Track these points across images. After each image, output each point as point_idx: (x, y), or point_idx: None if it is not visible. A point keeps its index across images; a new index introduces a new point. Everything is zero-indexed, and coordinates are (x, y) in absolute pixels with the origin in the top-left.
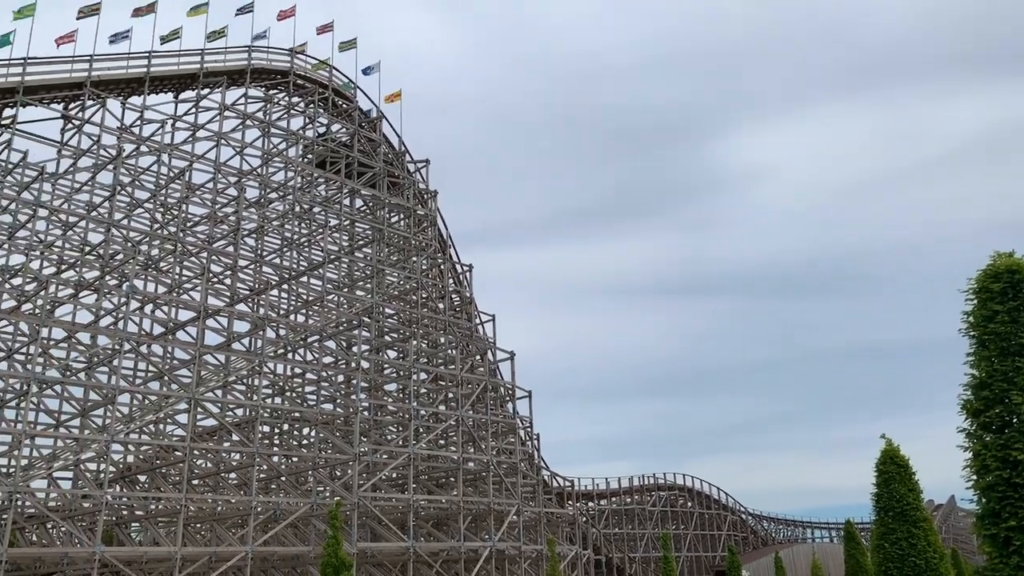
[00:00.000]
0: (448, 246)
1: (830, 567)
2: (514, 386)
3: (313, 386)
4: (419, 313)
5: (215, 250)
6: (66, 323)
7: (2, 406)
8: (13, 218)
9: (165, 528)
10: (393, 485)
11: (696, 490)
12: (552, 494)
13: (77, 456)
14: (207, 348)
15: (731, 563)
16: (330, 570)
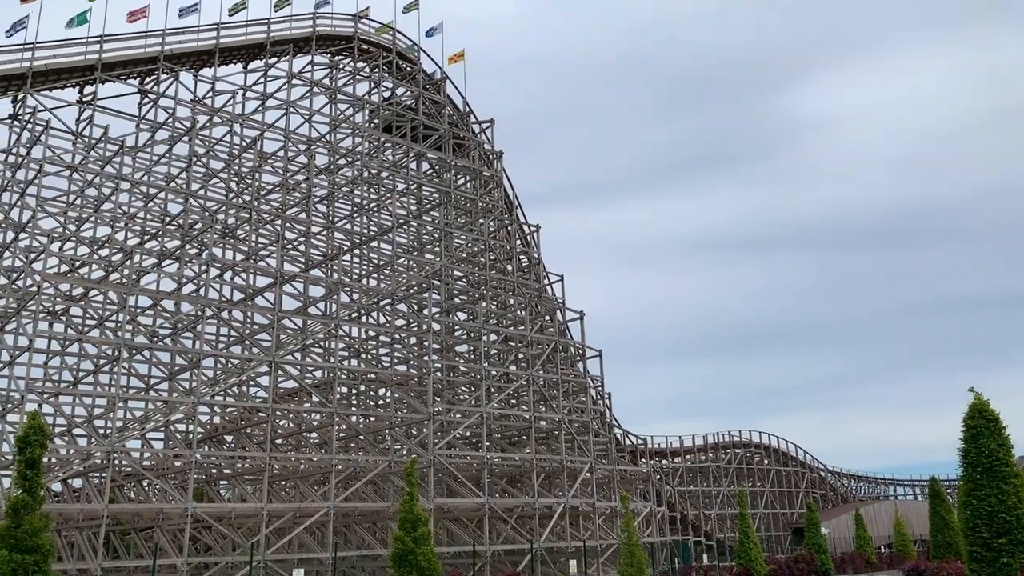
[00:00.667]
0: (515, 207)
1: (913, 524)
2: (584, 345)
3: (387, 348)
4: (487, 275)
5: (288, 217)
6: (151, 291)
7: (97, 371)
8: (98, 191)
9: (251, 485)
10: (467, 443)
11: (772, 447)
12: (625, 452)
13: (167, 418)
14: (285, 313)
15: (809, 520)
16: (408, 525)
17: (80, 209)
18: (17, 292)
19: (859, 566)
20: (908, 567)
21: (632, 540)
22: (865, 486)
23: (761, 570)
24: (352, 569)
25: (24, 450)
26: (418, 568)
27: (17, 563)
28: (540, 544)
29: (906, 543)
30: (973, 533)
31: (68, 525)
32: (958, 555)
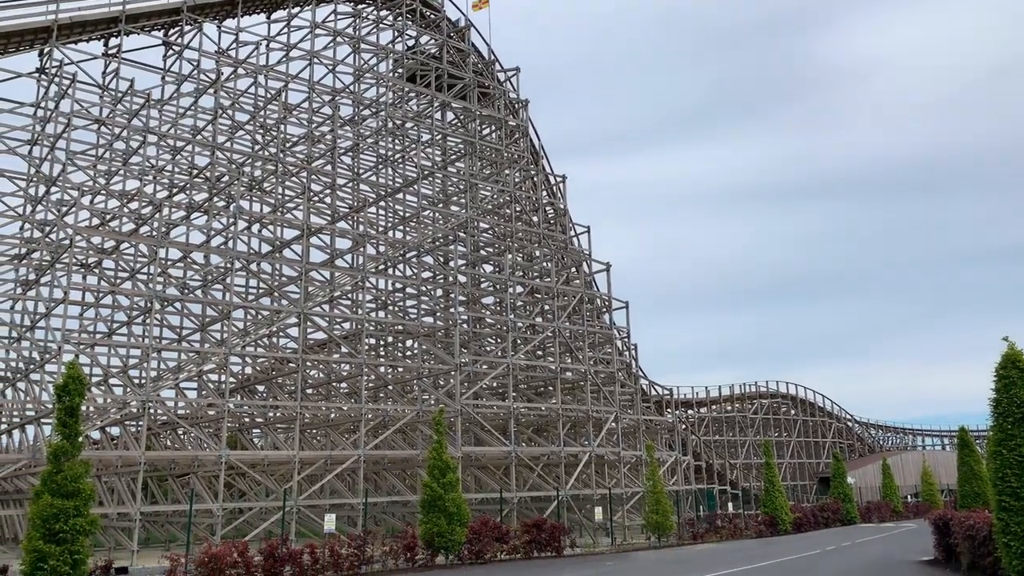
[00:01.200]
0: (540, 157)
1: (941, 474)
2: (610, 297)
3: (414, 300)
4: (513, 227)
5: (314, 169)
6: (180, 244)
7: (130, 322)
8: (126, 145)
9: (283, 433)
10: (494, 394)
11: (799, 398)
12: (651, 402)
13: (200, 368)
14: (312, 265)
15: (836, 470)
16: (436, 471)
17: (109, 163)
18: (50, 245)
19: (885, 515)
20: (934, 516)
21: (657, 488)
22: (893, 436)
23: (786, 518)
24: (382, 514)
25: (63, 398)
26: (447, 513)
27: (59, 507)
28: (566, 491)
29: (933, 492)
30: (1002, 483)
31: (108, 471)
32: (985, 504)
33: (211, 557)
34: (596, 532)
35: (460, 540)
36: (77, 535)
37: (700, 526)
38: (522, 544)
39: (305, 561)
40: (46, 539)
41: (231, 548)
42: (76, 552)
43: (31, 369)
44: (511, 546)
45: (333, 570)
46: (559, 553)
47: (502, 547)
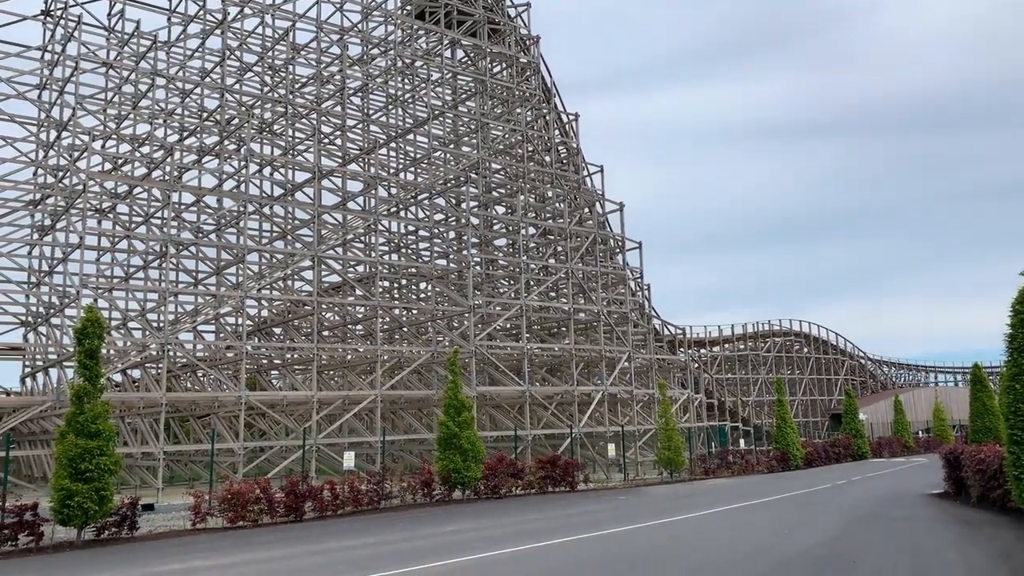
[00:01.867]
0: (552, 95)
1: (953, 410)
2: (623, 237)
3: (426, 242)
4: (525, 167)
5: (324, 111)
6: (193, 188)
7: (146, 267)
8: (134, 88)
9: (301, 375)
10: (507, 335)
11: (812, 336)
12: (664, 342)
13: (216, 311)
14: (324, 208)
15: (848, 406)
16: (452, 410)
17: (119, 107)
18: (64, 190)
19: (896, 450)
20: (945, 450)
21: (669, 425)
22: (906, 373)
23: (798, 454)
24: (400, 452)
25: (83, 341)
26: (462, 450)
27: (83, 447)
28: (579, 429)
29: (944, 428)
30: (1015, 417)
31: (130, 413)
32: (996, 439)
33: (234, 494)
34: (609, 468)
35: (476, 476)
36: (102, 473)
37: (712, 462)
38: (537, 480)
39: (326, 497)
40: (73, 478)
41: (253, 485)
42: (102, 490)
43: (51, 313)
44: (526, 482)
45: (353, 505)
46: (573, 488)
47: (517, 483)
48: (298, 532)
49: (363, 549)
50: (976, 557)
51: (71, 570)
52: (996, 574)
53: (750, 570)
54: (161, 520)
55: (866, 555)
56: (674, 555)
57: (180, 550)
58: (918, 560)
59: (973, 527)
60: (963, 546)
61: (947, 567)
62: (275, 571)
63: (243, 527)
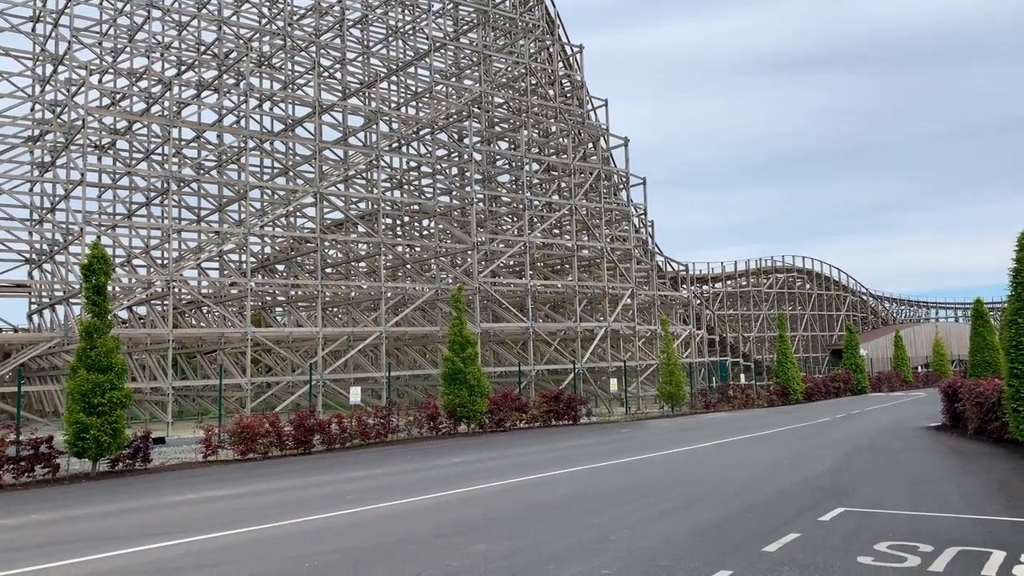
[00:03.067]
0: (556, 26)
1: (953, 346)
2: (628, 173)
3: (429, 179)
4: (528, 101)
5: (323, 43)
6: (193, 123)
7: (149, 203)
8: (130, 20)
9: (305, 311)
10: (511, 271)
11: (815, 272)
12: (666, 278)
13: (220, 248)
14: (326, 143)
15: (848, 341)
16: (457, 346)
17: (115, 39)
18: (63, 126)
19: (895, 385)
20: (944, 384)
21: (671, 360)
22: (907, 309)
23: (798, 388)
24: (405, 387)
25: (90, 278)
26: (467, 385)
27: (95, 381)
28: (582, 364)
29: (944, 363)
30: (1016, 351)
31: (138, 349)
32: (995, 374)
33: (244, 427)
34: (611, 402)
35: (481, 410)
36: (114, 407)
37: (712, 396)
38: (540, 414)
39: (334, 430)
40: (85, 411)
41: (262, 419)
42: (114, 423)
43: (55, 251)
44: (530, 415)
45: (361, 438)
46: (575, 422)
47: (521, 416)
48: (307, 464)
49: (372, 480)
50: (972, 487)
51: (88, 500)
52: (991, 503)
53: (750, 499)
54: (172, 453)
55: (863, 485)
56: (675, 485)
57: (193, 481)
58: (915, 490)
59: (969, 458)
60: (959, 476)
61: (944, 496)
62: (286, 500)
63: (253, 459)
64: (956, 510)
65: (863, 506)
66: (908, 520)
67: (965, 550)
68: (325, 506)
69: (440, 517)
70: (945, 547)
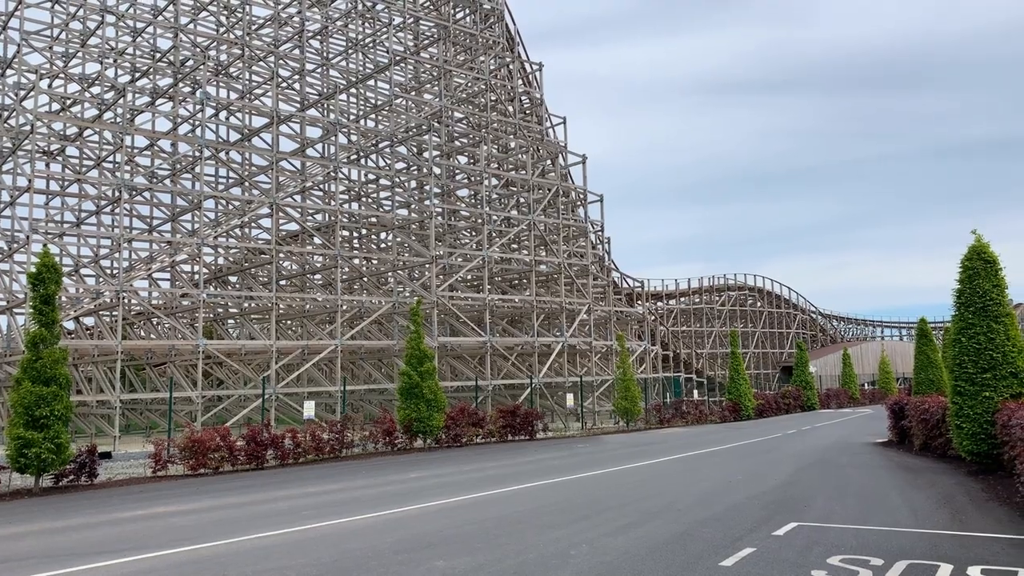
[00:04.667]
0: (516, 44)
1: (898, 364)
2: (586, 190)
3: (387, 191)
4: (488, 117)
5: (282, 54)
6: (147, 131)
7: (99, 212)
8: (83, 25)
9: (259, 324)
10: (469, 286)
11: (766, 290)
12: (622, 294)
13: (172, 258)
14: (283, 154)
15: (799, 359)
16: (414, 360)
17: (66, 44)
18: (10, 131)
19: (843, 401)
20: (891, 401)
21: (627, 375)
22: (855, 327)
23: (749, 404)
24: (360, 402)
25: (37, 287)
26: (425, 399)
27: (39, 394)
28: (539, 379)
29: (889, 380)
30: (959, 369)
31: (84, 361)
32: (939, 391)
33: (195, 441)
34: (567, 417)
35: (438, 425)
36: (58, 420)
37: (667, 412)
38: (497, 429)
39: (287, 445)
40: (28, 425)
41: (214, 433)
42: (57, 437)
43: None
44: (487, 431)
45: (315, 453)
46: (532, 437)
47: (478, 431)
48: (260, 480)
49: (327, 495)
50: (919, 500)
51: (31, 517)
52: (938, 517)
53: (706, 514)
54: (119, 468)
55: (815, 500)
56: (632, 500)
57: (142, 497)
58: (865, 504)
59: (916, 473)
60: (907, 491)
61: (892, 510)
62: (239, 517)
63: (204, 475)
64: (904, 524)
65: (815, 520)
66: (859, 534)
67: (914, 563)
68: (280, 522)
69: (399, 533)
70: (895, 560)
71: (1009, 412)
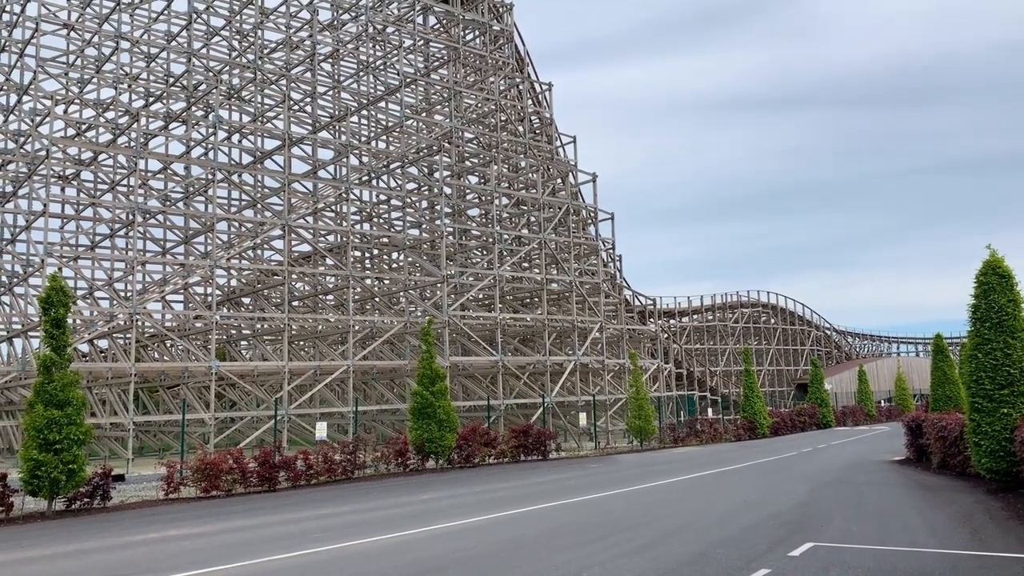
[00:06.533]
0: (526, 64)
1: (914, 380)
2: (596, 208)
3: (399, 212)
4: (498, 137)
5: (293, 77)
6: (160, 155)
7: (113, 235)
8: (98, 51)
9: (271, 345)
10: (480, 305)
11: (780, 307)
12: (634, 312)
13: (185, 280)
14: (295, 176)
15: (814, 376)
16: (426, 380)
17: (82, 70)
18: (26, 156)
19: (859, 419)
20: (908, 418)
21: (640, 394)
22: (870, 344)
23: (764, 422)
24: (372, 422)
25: (48, 311)
26: (437, 420)
27: (52, 417)
28: (551, 398)
29: (906, 397)
30: (976, 385)
31: (98, 383)
32: (956, 408)
33: (207, 464)
34: (580, 437)
35: (450, 445)
36: (72, 444)
37: (681, 430)
38: (510, 449)
39: (299, 467)
40: (41, 448)
41: (226, 455)
42: (71, 460)
43: (15, 283)
44: (499, 451)
45: (327, 475)
46: (545, 457)
47: (490, 451)
48: (272, 502)
49: (339, 518)
50: (938, 520)
51: (43, 540)
52: (957, 536)
53: (721, 535)
54: (132, 491)
55: (832, 519)
56: (646, 521)
57: (154, 519)
58: (882, 524)
59: (934, 492)
60: (925, 510)
61: (910, 530)
62: (251, 539)
63: (216, 497)
64: (922, 544)
65: (832, 541)
66: (876, 555)
67: None
68: (291, 545)
69: (410, 556)
70: None
71: None
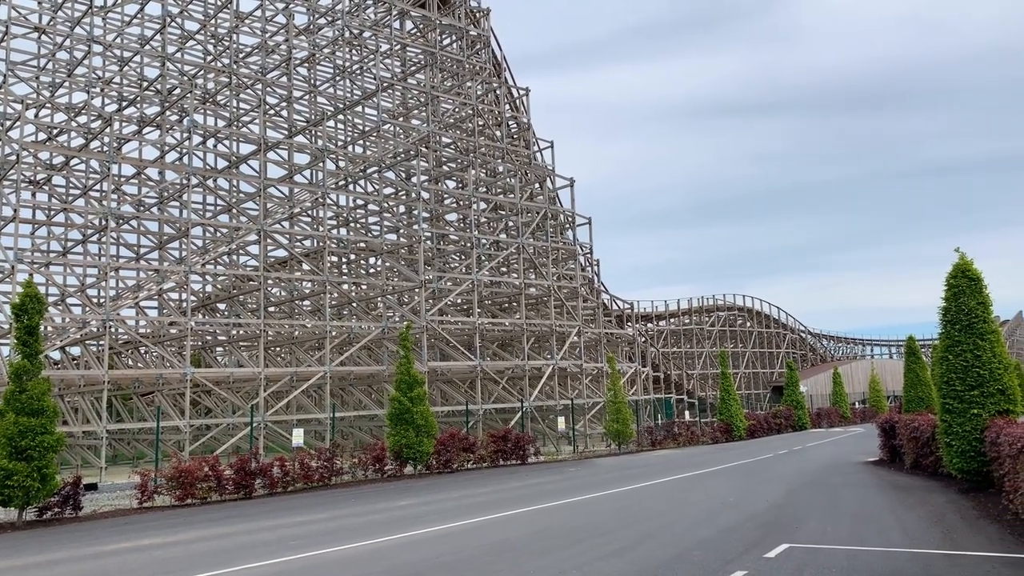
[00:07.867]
0: (503, 69)
1: (888, 382)
2: (574, 213)
3: (376, 217)
4: (476, 141)
5: (269, 81)
6: (134, 160)
7: (85, 241)
8: (69, 55)
9: (247, 351)
10: (459, 310)
11: (756, 310)
12: (612, 316)
13: (159, 286)
14: (271, 181)
15: (789, 378)
16: (404, 386)
17: (53, 74)
18: None
19: (834, 420)
20: (882, 420)
21: (618, 398)
22: (844, 346)
23: (741, 425)
24: (349, 428)
25: (21, 318)
26: (415, 425)
27: (24, 425)
28: (530, 403)
29: (880, 399)
30: (947, 387)
31: (70, 391)
32: (929, 409)
33: (182, 471)
34: (559, 441)
35: (428, 451)
36: (44, 452)
37: (658, 434)
38: (488, 454)
39: (276, 474)
40: (12, 457)
41: (202, 462)
42: (44, 468)
43: None
44: (478, 456)
45: (304, 482)
46: (523, 461)
47: (469, 457)
48: (248, 509)
49: (316, 524)
50: (911, 520)
51: (14, 551)
52: (930, 536)
53: (698, 537)
54: (105, 500)
55: (807, 521)
56: (625, 523)
57: (128, 529)
58: (857, 524)
59: (908, 492)
60: (898, 510)
61: (884, 531)
62: (227, 547)
63: (191, 505)
64: (896, 544)
65: (807, 542)
66: (850, 555)
67: None
68: (268, 553)
69: (386, 563)
70: None
71: (997, 429)
